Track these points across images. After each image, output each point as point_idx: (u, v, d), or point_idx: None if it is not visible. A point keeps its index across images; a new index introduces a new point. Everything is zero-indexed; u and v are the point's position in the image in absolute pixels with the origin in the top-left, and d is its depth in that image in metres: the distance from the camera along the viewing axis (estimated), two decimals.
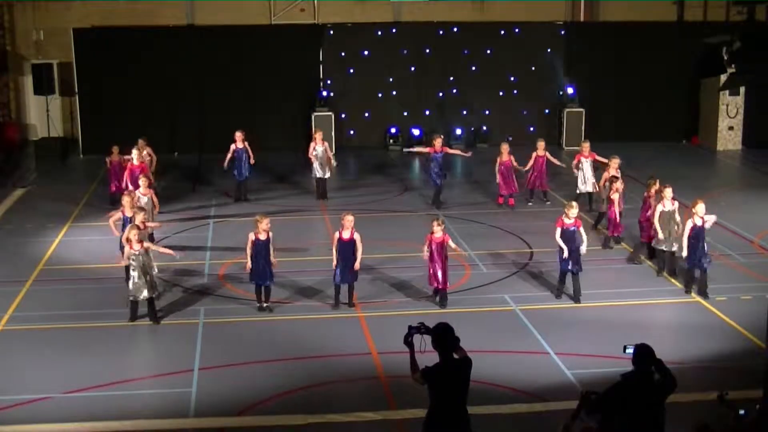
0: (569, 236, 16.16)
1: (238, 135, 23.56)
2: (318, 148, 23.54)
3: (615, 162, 20.42)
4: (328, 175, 23.95)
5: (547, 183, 23.50)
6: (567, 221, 16.21)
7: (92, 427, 11.89)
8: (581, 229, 16.40)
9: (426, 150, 23.78)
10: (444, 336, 9.19)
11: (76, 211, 22.83)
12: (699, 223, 16.22)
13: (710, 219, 16.54)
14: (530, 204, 23.13)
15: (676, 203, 17.15)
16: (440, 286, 15.96)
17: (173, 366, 13.71)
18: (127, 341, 14.87)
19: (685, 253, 16.36)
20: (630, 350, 8.92)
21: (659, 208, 17.20)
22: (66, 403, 12.54)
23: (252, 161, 23.52)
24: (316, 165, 23.67)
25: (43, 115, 31.28)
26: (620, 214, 19.15)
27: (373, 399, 12.57)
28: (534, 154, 22.95)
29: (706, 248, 16.34)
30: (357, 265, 15.82)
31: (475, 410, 9.67)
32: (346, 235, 15.76)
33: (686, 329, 15.14)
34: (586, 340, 14.51)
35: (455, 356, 9.25)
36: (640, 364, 8.86)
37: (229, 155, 23.48)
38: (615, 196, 19.07)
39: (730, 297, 16.38)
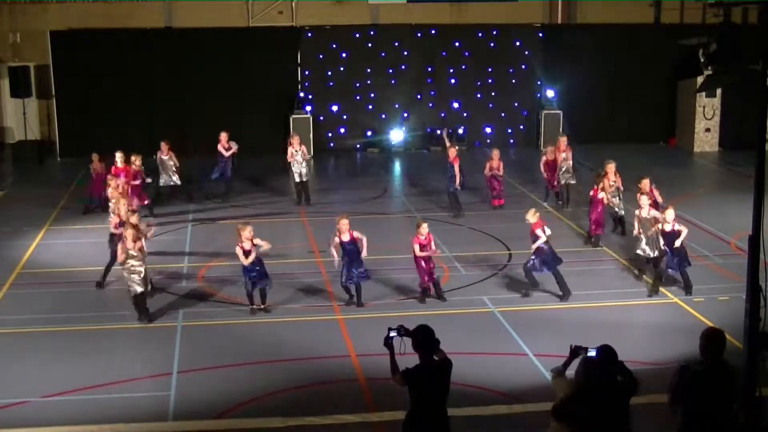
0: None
1: (223, 136, 23.83)
2: (297, 152, 23.45)
3: (611, 167, 20.10)
4: (306, 178, 23.83)
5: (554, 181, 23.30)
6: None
7: (71, 431, 11.85)
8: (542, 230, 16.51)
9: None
10: (424, 338, 9.20)
11: (54, 214, 22.70)
12: (668, 228, 16.32)
13: (682, 233, 16.58)
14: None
15: (653, 211, 17.12)
16: (431, 280, 16.36)
17: (152, 369, 13.67)
18: (105, 345, 14.77)
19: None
20: (592, 352, 8.88)
21: (637, 213, 17.27)
22: (45, 407, 12.47)
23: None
24: (296, 169, 23.52)
25: (20, 118, 31.10)
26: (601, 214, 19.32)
27: (352, 401, 12.57)
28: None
29: (683, 254, 16.50)
30: (364, 252, 16.03)
31: (454, 412, 9.69)
32: (345, 237, 15.89)
33: (663, 330, 15.20)
34: (564, 342, 14.41)
35: (435, 358, 9.27)
36: (603, 366, 8.81)
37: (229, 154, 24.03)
38: (601, 196, 19.17)
39: (708, 298, 16.47)
